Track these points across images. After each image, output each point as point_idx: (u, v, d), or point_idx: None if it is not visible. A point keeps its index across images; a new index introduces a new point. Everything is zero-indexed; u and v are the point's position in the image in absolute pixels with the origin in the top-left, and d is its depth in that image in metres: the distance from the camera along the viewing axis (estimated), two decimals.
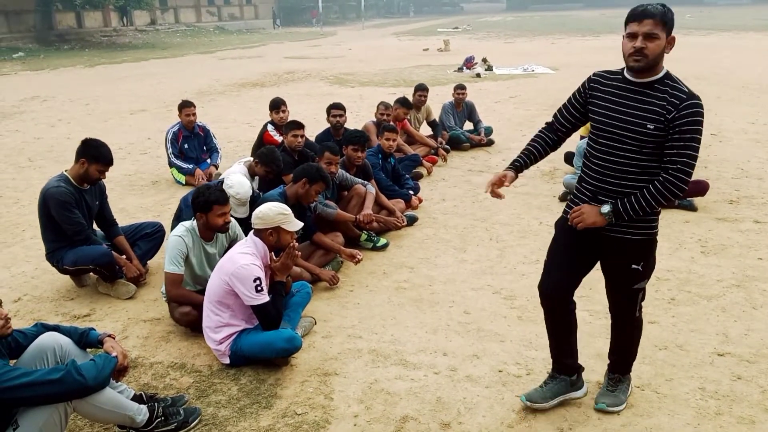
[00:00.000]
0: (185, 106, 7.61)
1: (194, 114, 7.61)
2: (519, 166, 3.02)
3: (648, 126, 2.66)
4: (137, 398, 3.12)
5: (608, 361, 3.29)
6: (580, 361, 3.38)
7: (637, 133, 2.69)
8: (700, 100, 2.64)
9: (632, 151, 2.72)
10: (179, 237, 3.95)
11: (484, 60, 18.54)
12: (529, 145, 3.07)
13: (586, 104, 2.92)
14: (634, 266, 2.88)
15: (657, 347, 3.77)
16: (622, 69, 2.81)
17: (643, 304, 3.07)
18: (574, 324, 3.19)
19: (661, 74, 2.71)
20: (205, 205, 3.90)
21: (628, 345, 3.20)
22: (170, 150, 7.51)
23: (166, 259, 3.92)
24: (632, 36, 2.66)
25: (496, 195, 2.98)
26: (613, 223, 2.80)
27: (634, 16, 2.66)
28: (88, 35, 34.62)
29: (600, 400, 3.17)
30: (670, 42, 2.68)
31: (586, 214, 2.80)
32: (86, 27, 36.47)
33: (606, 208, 2.76)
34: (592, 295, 4.43)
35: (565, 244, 3.04)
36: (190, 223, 4.05)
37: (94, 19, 37.47)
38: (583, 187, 2.94)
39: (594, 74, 2.92)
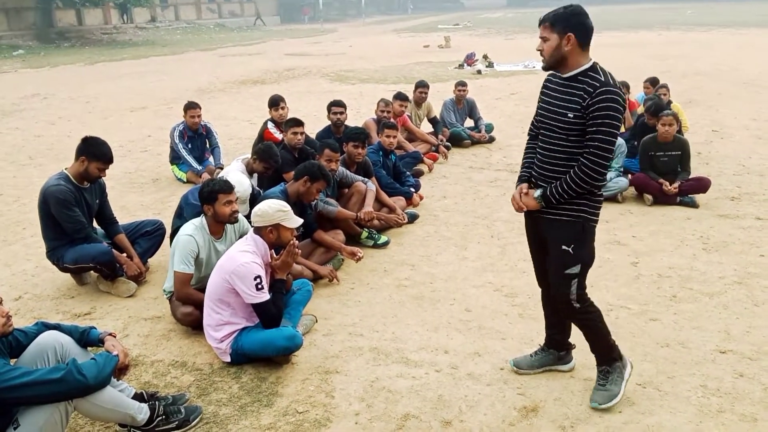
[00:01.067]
0: (191, 107, 7.51)
1: (199, 116, 7.52)
2: (528, 179, 3.19)
3: (568, 115, 2.87)
4: (138, 397, 3.12)
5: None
6: (579, 355, 3.37)
7: (561, 122, 2.92)
8: (616, 88, 2.80)
9: (560, 138, 2.95)
10: (190, 236, 3.93)
11: (485, 57, 18.50)
12: (526, 159, 3.27)
13: (540, 101, 3.15)
14: (564, 247, 3.00)
15: (659, 344, 3.76)
16: None
17: (588, 299, 3.13)
18: None
19: (584, 67, 2.89)
20: (210, 195, 3.90)
21: (589, 336, 3.22)
22: (180, 146, 7.40)
23: (176, 258, 3.91)
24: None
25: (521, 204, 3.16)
26: (546, 207, 3.04)
27: (539, 23, 2.96)
28: (89, 33, 34.56)
29: (593, 399, 3.19)
30: (567, 40, 2.85)
31: (525, 201, 3.10)
32: (86, 24, 36.40)
33: (537, 193, 3.03)
34: (592, 293, 4.40)
35: (529, 237, 3.34)
36: (199, 221, 4.04)
37: (94, 16, 37.40)
38: (533, 174, 3.18)
39: (547, 75, 3.17)
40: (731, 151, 8.31)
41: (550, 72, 3.12)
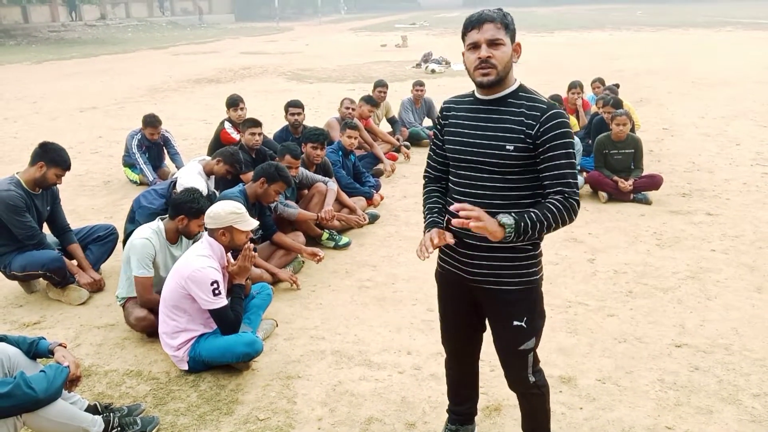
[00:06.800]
0: (150, 125, 7.07)
1: (159, 132, 7.17)
2: (441, 225, 2.47)
3: (507, 147, 2.26)
4: (91, 409, 3.01)
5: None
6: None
7: (497, 157, 2.27)
8: (562, 109, 2.30)
9: (495, 179, 2.31)
10: (147, 239, 3.82)
11: (425, 60, 18.43)
12: (431, 204, 2.56)
13: (445, 135, 2.47)
14: (516, 323, 2.43)
15: (616, 340, 3.82)
16: (473, 90, 2.42)
17: (542, 368, 2.64)
18: (477, 371, 2.91)
19: (513, 87, 2.32)
20: (198, 212, 3.78)
21: (534, 415, 2.72)
22: (138, 155, 7.04)
23: (135, 263, 3.79)
24: (474, 46, 2.26)
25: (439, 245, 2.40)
26: (484, 266, 2.38)
27: (472, 24, 2.26)
28: (35, 30, 33.42)
29: None
30: (516, 49, 2.30)
31: (486, 222, 2.14)
32: (33, 22, 35.23)
33: (509, 220, 2.17)
34: (551, 290, 4.48)
35: (450, 297, 2.64)
36: (156, 225, 3.93)
37: (41, 13, 36.25)
38: (449, 229, 2.43)
39: (444, 102, 2.53)
40: (681, 149, 8.54)
41: (453, 98, 2.50)
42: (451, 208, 2.21)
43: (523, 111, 2.27)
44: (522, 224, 2.18)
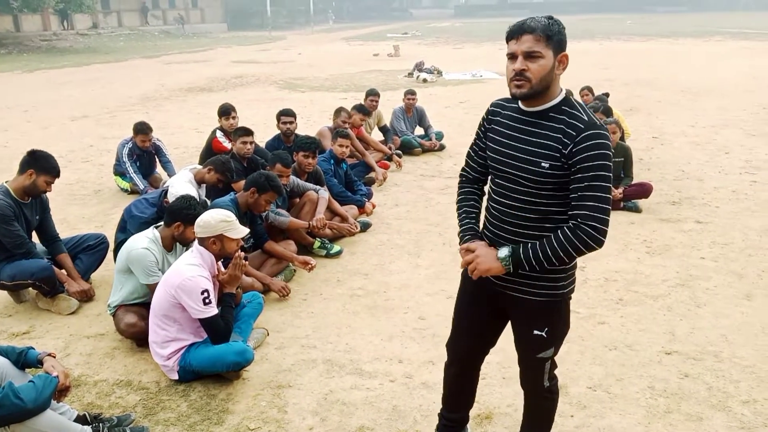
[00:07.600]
0: (141, 132, 7.05)
1: (150, 139, 7.17)
2: (478, 233, 2.47)
3: (542, 164, 2.20)
4: (81, 419, 2.99)
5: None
6: None
7: (532, 173, 2.22)
8: (603, 129, 2.17)
9: (530, 194, 2.26)
10: (146, 249, 3.81)
11: (417, 69, 18.51)
12: (467, 207, 2.54)
13: (486, 139, 2.45)
14: (536, 332, 2.41)
15: (607, 347, 3.84)
16: None
17: (557, 373, 2.64)
18: (477, 379, 2.90)
19: (557, 100, 2.23)
20: (194, 219, 3.75)
21: (538, 420, 2.74)
22: (128, 164, 7.01)
23: (142, 274, 3.78)
24: (512, 57, 2.20)
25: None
26: (512, 273, 2.30)
27: (512, 33, 2.19)
28: (27, 39, 33.32)
29: None
30: (562, 60, 2.19)
31: (481, 258, 2.27)
32: (24, 31, 35.14)
33: (504, 252, 2.23)
34: None
35: (471, 301, 2.63)
36: (152, 233, 3.92)
37: (32, 22, 36.15)
38: (485, 234, 2.46)
39: (492, 104, 2.48)
40: (671, 157, 8.61)
41: (501, 100, 2.43)
42: (462, 246, 2.37)
43: (562, 128, 2.19)
44: (519, 255, 2.20)
